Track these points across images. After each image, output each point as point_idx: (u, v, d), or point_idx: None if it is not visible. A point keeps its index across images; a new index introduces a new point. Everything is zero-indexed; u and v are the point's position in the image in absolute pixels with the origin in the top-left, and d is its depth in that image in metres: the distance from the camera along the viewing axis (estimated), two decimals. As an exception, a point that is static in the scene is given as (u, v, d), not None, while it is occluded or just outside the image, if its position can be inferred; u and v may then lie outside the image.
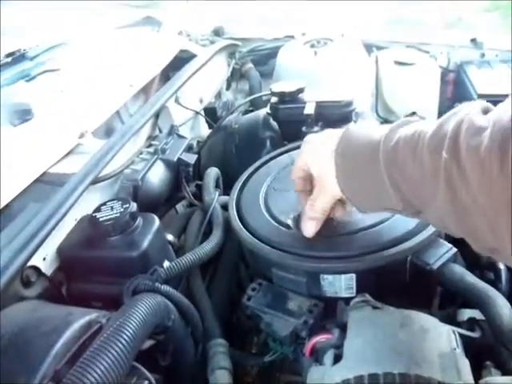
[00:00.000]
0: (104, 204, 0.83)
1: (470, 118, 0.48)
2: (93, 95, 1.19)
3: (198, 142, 1.34)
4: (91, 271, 0.82)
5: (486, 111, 0.50)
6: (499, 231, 0.46)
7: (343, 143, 0.65)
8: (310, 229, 0.75)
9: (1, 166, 0.88)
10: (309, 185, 0.76)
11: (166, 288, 0.75)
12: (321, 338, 0.68)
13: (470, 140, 0.46)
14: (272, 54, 1.79)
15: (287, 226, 0.82)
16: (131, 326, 0.62)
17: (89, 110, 1.14)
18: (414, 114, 1.29)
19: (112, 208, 0.82)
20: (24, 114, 1.06)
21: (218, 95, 1.69)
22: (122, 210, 0.81)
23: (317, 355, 0.68)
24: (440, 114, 1.60)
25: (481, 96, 1.39)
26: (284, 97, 1.21)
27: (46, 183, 0.92)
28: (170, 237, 0.95)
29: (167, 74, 1.48)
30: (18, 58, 1.31)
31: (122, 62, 1.39)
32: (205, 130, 1.49)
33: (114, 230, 0.79)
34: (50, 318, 0.65)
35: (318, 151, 0.70)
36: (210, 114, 1.45)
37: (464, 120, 0.49)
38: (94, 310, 0.68)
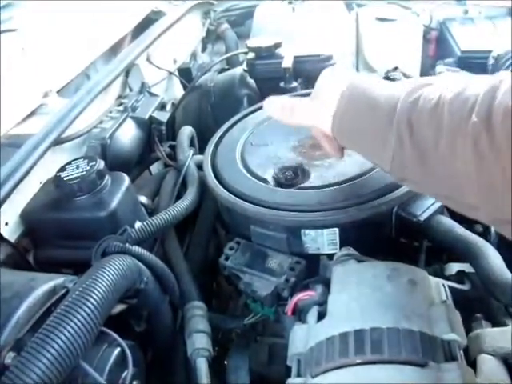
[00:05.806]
0: (69, 163, 0.78)
1: (509, 78, 0.44)
2: (57, 54, 1.12)
3: (173, 104, 1.28)
4: (58, 235, 0.78)
5: None
6: None
7: (351, 90, 0.60)
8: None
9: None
10: None
11: (136, 249, 0.71)
12: (303, 296, 0.64)
13: (509, 101, 0.41)
14: (249, 13, 1.72)
15: (266, 181, 0.77)
16: (98, 288, 0.58)
17: (53, 69, 1.08)
18: (396, 68, 1.24)
19: (78, 167, 0.77)
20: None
21: (194, 57, 1.62)
22: (88, 168, 0.76)
23: (299, 314, 0.64)
24: (422, 72, 1.56)
25: (464, 52, 1.35)
26: (261, 52, 1.16)
27: (7, 145, 0.87)
28: (143, 199, 0.90)
29: (138, 36, 1.41)
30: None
31: (88, 21, 1.31)
32: (179, 92, 1.42)
33: (81, 190, 0.75)
34: (11, 283, 0.61)
35: (332, 85, 0.63)
36: (185, 74, 1.39)
37: (502, 82, 0.44)
38: (60, 275, 0.64)
